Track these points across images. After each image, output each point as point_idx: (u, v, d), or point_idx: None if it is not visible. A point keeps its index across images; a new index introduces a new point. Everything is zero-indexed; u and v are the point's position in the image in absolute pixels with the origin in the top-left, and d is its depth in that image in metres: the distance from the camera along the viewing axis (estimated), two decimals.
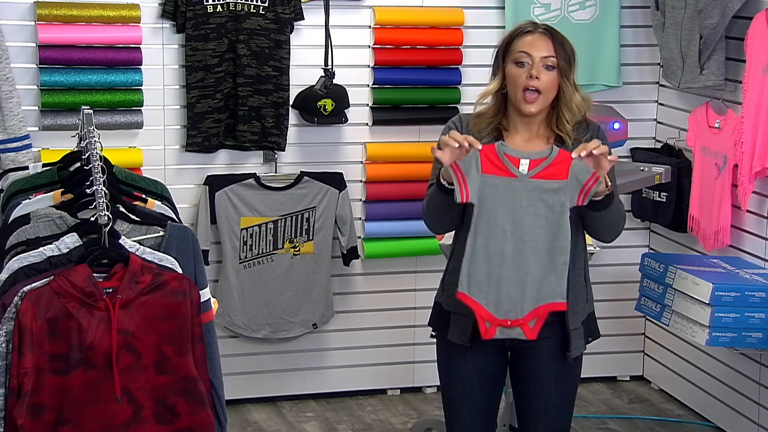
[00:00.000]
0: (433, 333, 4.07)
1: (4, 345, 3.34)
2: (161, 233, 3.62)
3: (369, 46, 5.78)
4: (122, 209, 3.65)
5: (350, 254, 5.80)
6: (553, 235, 3.75)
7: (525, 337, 3.80)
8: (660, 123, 6.13)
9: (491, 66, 3.98)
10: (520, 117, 3.91)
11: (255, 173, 5.67)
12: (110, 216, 3.47)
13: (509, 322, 3.78)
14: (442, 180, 3.78)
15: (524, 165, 3.75)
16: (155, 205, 3.85)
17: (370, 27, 5.76)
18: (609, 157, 3.70)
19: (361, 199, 5.87)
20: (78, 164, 3.88)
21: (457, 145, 3.69)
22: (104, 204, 3.48)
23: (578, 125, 3.94)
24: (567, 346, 3.90)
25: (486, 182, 3.74)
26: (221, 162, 5.67)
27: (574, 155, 3.72)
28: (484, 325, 3.79)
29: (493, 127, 3.92)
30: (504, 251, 3.75)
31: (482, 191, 3.75)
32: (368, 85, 5.80)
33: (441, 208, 3.86)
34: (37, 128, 5.34)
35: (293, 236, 5.71)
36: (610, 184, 3.78)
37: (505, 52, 3.91)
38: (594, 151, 3.68)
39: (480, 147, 3.72)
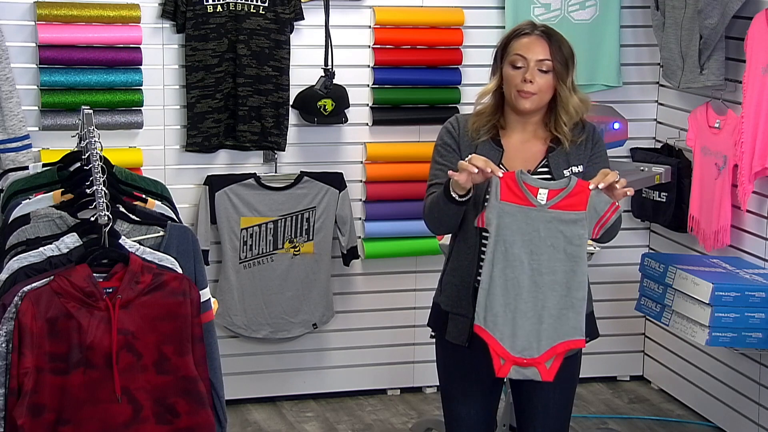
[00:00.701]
0: (433, 333, 4.07)
1: (4, 345, 3.34)
2: (161, 233, 3.62)
3: (369, 46, 5.78)
4: (122, 209, 3.65)
5: (350, 254, 5.80)
6: (571, 269, 3.69)
7: (540, 378, 3.73)
8: (660, 123, 6.13)
9: (491, 65, 3.98)
10: (517, 116, 3.92)
11: (255, 173, 5.67)
12: (110, 216, 3.47)
13: (525, 361, 3.72)
14: (452, 192, 3.73)
15: (543, 195, 3.69)
16: (155, 205, 3.85)
17: (370, 27, 5.76)
18: (627, 190, 3.67)
19: (361, 199, 5.87)
20: (78, 164, 3.88)
21: (476, 170, 3.65)
22: (104, 204, 3.48)
23: (574, 126, 3.94)
24: None
25: (504, 210, 3.69)
26: (221, 162, 5.67)
27: (591, 186, 3.68)
28: (498, 362, 3.72)
29: (490, 126, 3.93)
30: (521, 282, 3.70)
31: (500, 219, 3.69)
32: (368, 85, 5.80)
33: (446, 215, 3.83)
34: (37, 128, 5.34)
35: (293, 236, 5.71)
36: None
37: (503, 53, 3.91)
38: (617, 185, 3.64)
39: (501, 174, 3.68)
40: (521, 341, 3.70)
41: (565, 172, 3.87)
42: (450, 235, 4.04)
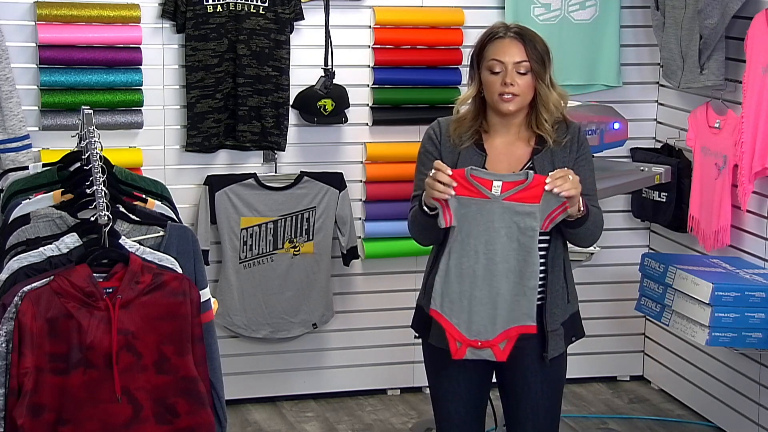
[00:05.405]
0: (417, 335, 4.09)
1: (4, 345, 3.35)
2: (161, 233, 3.62)
3: (369, 46, 5.78)
4: (122, 209, 3.65)
5: (350, 254, 5.80)
6: (524, 258, 3.78)
7: (495, 359, 3.82)
8: (660, 123, 6.13)
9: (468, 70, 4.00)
10: (500, 119, 3.92)
11: (255, 173, 5.67)
12: (110, 216, 3.48)
13: (479, 343, 3.81)
14: (424, 206, 3.81)
15: (497, 187, 3.77)
16: (155, 205, 3.86)
17: (370, 27, 5.76)
18: (572, 192, 3.70)
19: (361, 199, 5.87)
20: (78, 164, 3.88)
21: (442, 186, 3.72)
22: (104, 204, 3.48)
23: (558, 125, 3.94)
24: (545, 347, 3.92)
25: (460, 203, 3.77)
26: (221, 162, 5.67)
27: (548, 180, 3.71)
28: (454, 345, 3.83)
29: (473, 131, 3.94)
30: (476, 271, 3.79)
31: (457, 212, 3.78)
32: (368, 85, 5.81)
33: (426, 229, 3.90)
34: (37, 128, 5.34)
35: (293, 236, 5.71)
36: (583, 209, 3.79)
37: (479, 58, 3.92)
38: (563, 194, 3.68)
39: (450, 172, 3.74)
40: (476, 326, 3.81)
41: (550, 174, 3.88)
42: None
